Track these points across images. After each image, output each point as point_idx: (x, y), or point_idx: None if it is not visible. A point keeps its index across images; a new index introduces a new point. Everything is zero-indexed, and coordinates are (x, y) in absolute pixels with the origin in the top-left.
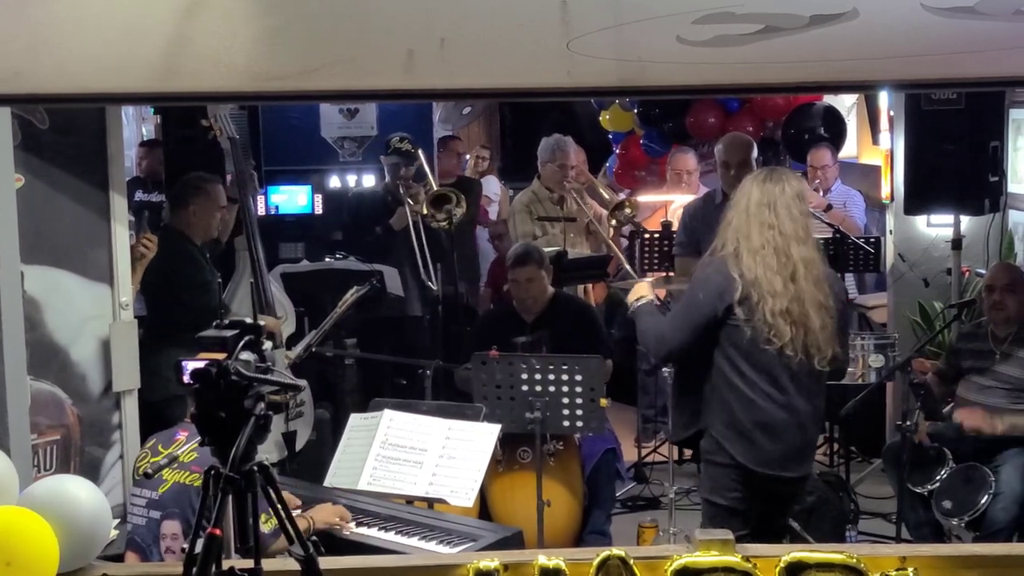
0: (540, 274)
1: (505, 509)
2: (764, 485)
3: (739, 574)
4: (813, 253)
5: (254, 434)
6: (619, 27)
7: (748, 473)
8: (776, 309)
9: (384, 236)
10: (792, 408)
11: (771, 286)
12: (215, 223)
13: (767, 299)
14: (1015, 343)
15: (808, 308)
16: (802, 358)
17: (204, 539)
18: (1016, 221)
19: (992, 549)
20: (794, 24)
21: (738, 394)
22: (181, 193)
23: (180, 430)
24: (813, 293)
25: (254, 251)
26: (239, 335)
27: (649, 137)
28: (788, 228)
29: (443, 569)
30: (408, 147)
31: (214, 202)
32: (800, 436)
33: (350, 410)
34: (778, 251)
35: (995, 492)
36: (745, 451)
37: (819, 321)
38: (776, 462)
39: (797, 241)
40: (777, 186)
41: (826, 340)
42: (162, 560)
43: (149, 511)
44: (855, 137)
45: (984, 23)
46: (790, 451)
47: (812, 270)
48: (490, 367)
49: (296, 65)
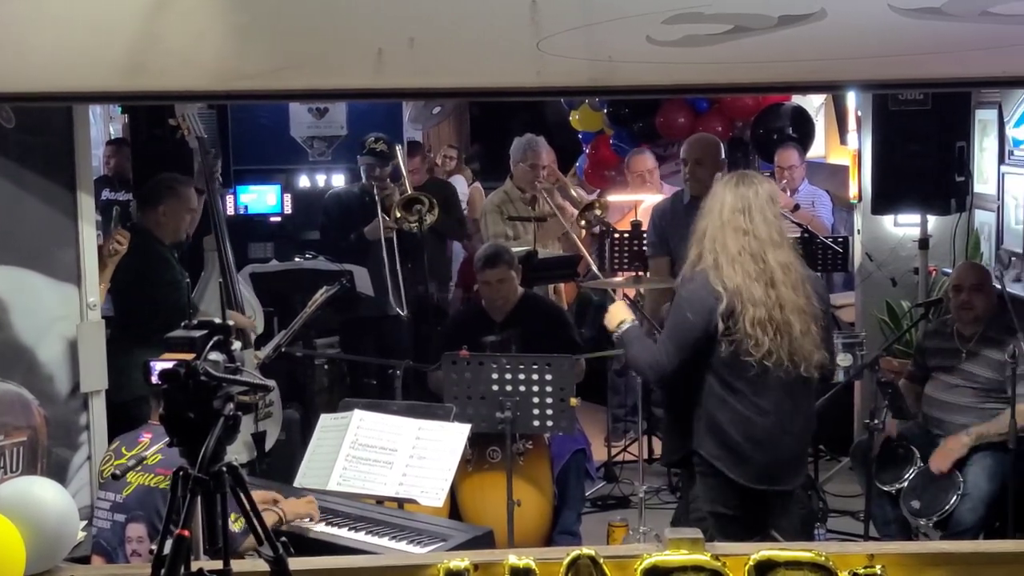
0: (510, 275)
1: (475, 509)
2: (759, 497)
3: (708, 572)
4: (789, 256)
5: (223, 435)
6: (589, 27)
7: (737, 487)
8: (755, 318)
9: (358, 241)
10: (782, 418)
11: (751, 294)
12: (184, 225)
13: (748, 308)
14: (981, 342)
15: (789, 314)
16: (788, 366)
17: (173, 540)
18: (982, 221)
19: (959, 547)
20: (763, 24)
21: (728, 409)
22: (152, 193)
23: (144, 432)
24: (793, 298)
25: (223, 251)
26: (208, 335)
27: (619, 137)
28: (763, 232)
29: (413, 569)
30: (384, 147)
31: (185, 204)
32: (793, 446)
33: (320, 410)
34: (755, 257)
35: (963, 493)
36: (738, 468)
37: (801, 326)
38: (769, 476)
39: (773, 245)
40: (750, 190)
41: (810, 345)
42: (127, 563)
43: (114, 514)
44: (823, 137)
45: (951, 24)
46: (783, 463)
47: (790, 274)
48: (460, 367)
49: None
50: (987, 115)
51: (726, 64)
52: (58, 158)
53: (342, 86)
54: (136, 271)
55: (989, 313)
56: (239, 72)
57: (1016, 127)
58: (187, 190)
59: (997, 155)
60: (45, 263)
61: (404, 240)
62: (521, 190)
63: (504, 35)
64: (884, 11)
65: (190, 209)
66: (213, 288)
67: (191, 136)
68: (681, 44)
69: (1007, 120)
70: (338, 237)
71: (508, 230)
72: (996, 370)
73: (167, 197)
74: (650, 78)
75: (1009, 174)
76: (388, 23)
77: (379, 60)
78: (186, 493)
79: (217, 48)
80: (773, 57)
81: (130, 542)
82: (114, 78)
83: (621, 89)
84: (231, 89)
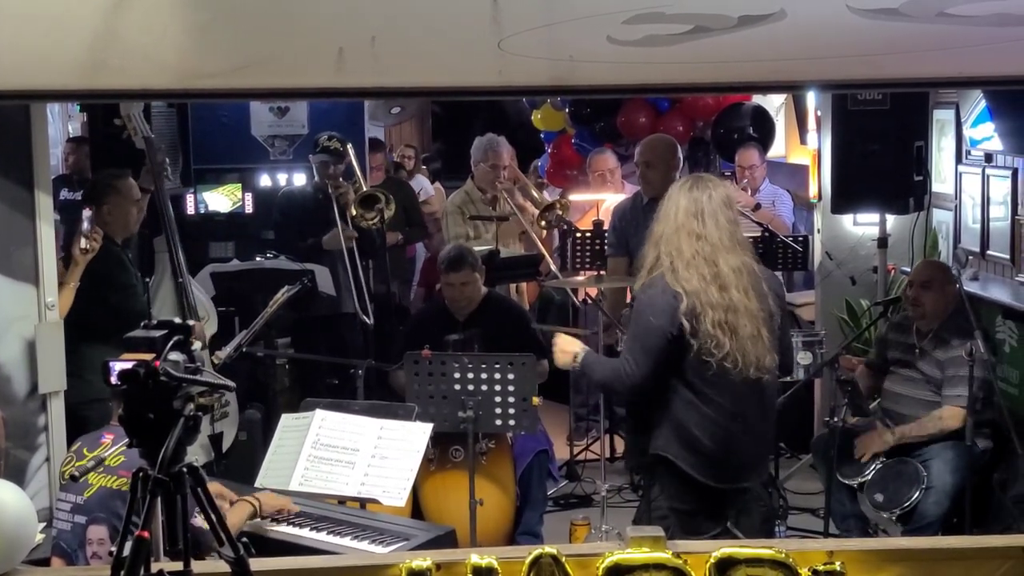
0: (474, 278)
1: (437, 508)
2: (720, 494)
3: (670, 570)
4: (742, 260)
5: (183, 435)
6: (550, 26)
7: (699, 486)
8: (716, 320)
9: (315, 246)
10: (744, 419)
11: (708, 297)
12: (132, 219)
13: (707, 310)
14: (933, 340)
15: (740, 318)
16: (741, 368)
17: (132, 542)
18: (940, 220)
19: (918, 543)
20: (723, 25)
21: (693, 410)
22: (94, 193)
23: (106, 432)
24: (744, 302)
25: (174, 252)
26: (168, 335)
27: (581, 136)
28: (714, 237)
29: (375, 569)
30: (337, 145)
31: (127, 197)
32: (754, 445)
33: (281, 410)
34: (708, 261)
35: (927, 486)
36: (702, 468)
37: (751, 330)
38: (732, 475)
39: (724, 250)
40: (704, 193)
41: (761, 349)
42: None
43: (74, 516)
44: (783, 137)
45: (908, 25)
46: (745, 462)
47: (741, 278)
48: (422, 366)
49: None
50: (945, 115)
51: (687, 64)
52: (16, 157)
53: (303, 85)
54: (92, 273)
55: (944, 312)
56: (199, 71)
57: (973, 127)
58: (126, 183)
59: (954, 155)
60: (3, 263)
61: (364, 240)
62: (482, 190)
63: (466, 34)
64: (842, 12)
65: (134, 201)
66: (165, 290)
67: (138, 137)
68: (642, 44)
69: (964, 120)
70: (293, 237)
71: (469, 230)
72: (937, 368)
73: (109, 194)
74: (611, 78)
75: (966, 173)
76: (349, 22)
77: (340, 59)
78: (146, 494)
79: (177, 46)
80: (733, 57)
81: (91, 544)
82: (73, 76)
83: (582, 89)
84: (191, 87)
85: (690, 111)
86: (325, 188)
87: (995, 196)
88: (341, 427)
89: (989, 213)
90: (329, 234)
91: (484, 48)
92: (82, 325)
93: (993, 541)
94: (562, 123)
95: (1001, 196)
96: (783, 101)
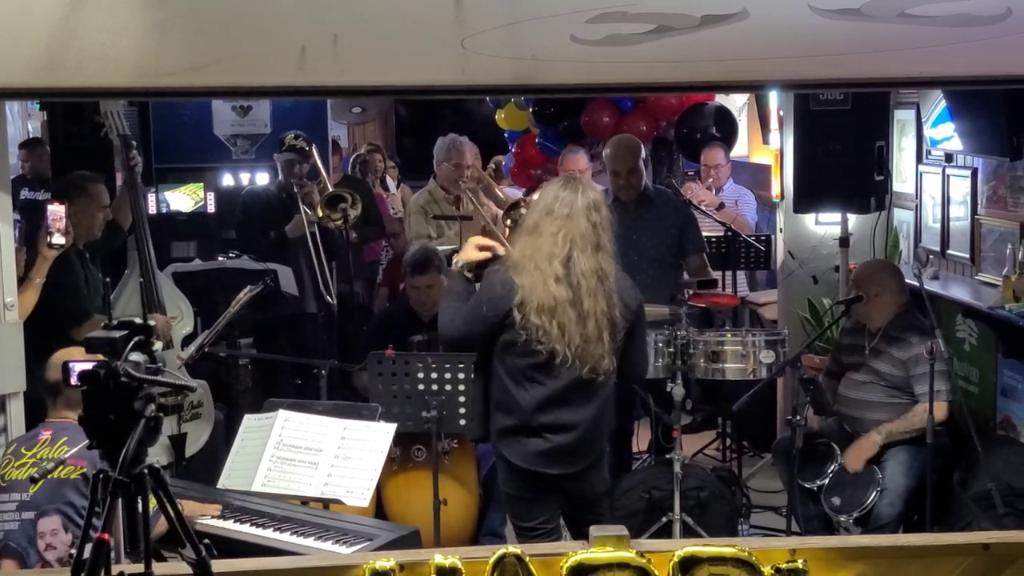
0: (439, 280)
1: (400, 508)
2: (538, 483)
3: (633, 569)
4: (598, 264)
5: (144, 436)
6: (513, 25)
7: (518, 470)
8: (547, 314)
9: (279, 240)
10: (566, 411)
11: (547, 292)
12: (97, 223)
13: (543, 305)
14: (884, 340)
15: (585, 318)
16: (572, 365)
17: (92, 544)
18: (901, 219)
19: (879, 541)
20: (686, 24)
21: (510, 398)
22: (62, 192)
23: (43, 430)
24: (591, 304)
25: (144, 250)
26: (128, 336)
27: (544, 136)
28: (576, 237)
29: (339, 570)
30: (303, 145)
31: (96, 202)
32: (572, 437)
33: (244, 411)
34: (564, 259)
35: (882, 488)
36: (515, 452)
37: (593, 332)
38: (544, 460)
39: (582, 251)
40: (574, 194)
41: (600, 351)
42: (41, 560)
43: (21, 513)
44: (746, 137)
45: (870, 25)
46: (560, 450)
47: (591, 280)
48: (386, 366)
49: (186, 61)
50: (905, 115)
51: (649, 63)
52: None
53: (265, 84)
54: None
55: (889, 311)
56: (160, 69)
57: (933, 127)
58: (97, 187)
59: (915, 154)
60: None
61: (328, 239)
62: (445, 190)
63: (429, 33)
64: (804, 12)
65: (102, 207)
66: (131, 288)
67: (114, 134)
68: (605, 43)
69: (925, 120)
70: (257, 235)
71: (432, 230)
72: (898, 367)
73: (78, 196)
74: (574, 77)
75: (927, 173)
76: (312, 20)
77: (302, 57)
78: (106, 496)
79: (137, 44)
80: (696, 56)
81: (43, 537)
82: (32, 74)
83: (545, 88)
84: (151, 86)
85: (653, 111)
86: (289, 187)
87: (955, 196)
88: (304, 427)
89: (949, 213)
90: (292, 222)
91: (447, 47)
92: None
93: (953, 539)
94: (526, 122)
95: (961, 196)
96: (745, 101)
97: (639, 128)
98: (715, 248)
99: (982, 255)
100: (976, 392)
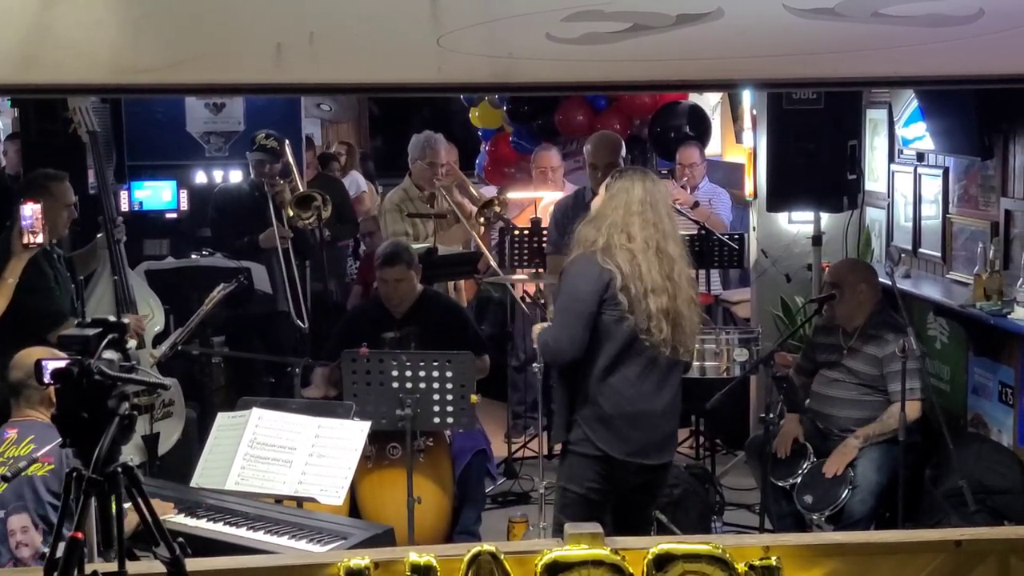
0: (409, 274)
1: (375, 506)
2: (627, 475)
3: (608, 567)
4: (684, 250)
5: (118, 435)
6: (489, 23)
7: (611, 463)
8: (659, 305)
9: (251, 245)
10: (659, 399)
11: (653, 282)
12: (63, 222)
13: (650, 295)
14: (860, 338)
15: (680, 305)
16: (671, 352)
17: (66, 543)
18: (873, 218)
19: (852, 537)
20: (661, 23)
21: (609, 386)
22: (27, 192)
23: (8, 428)
24: (686, 290)
25: (114, 249)
26: (102, 334)
27: (518, 134)
28: (667, 226)
29: (313, 568)
30: (274, 143)
31: (60, 201)
32: (665, 426)
33: (217, 409)
34: (659, 249)
35: (854, 485)
36: (611, 441)
37: (689, 317)
38: (641, 451)
39: (673, 240)
40: (657, 186)
41: (692, 335)
42: (14, 558)
43: None
44: (719, 135)
45: (843, 24)
46: (654, 440)
47: (684, 267)
48: (360, 364)
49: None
50: (877, 114)
51: (625, 62)
52: None
53: (240, 81)
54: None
55: (863, 309)
56: (135, 66)
57: (905, 126)
58: (61, 186)
59: (887, 154)
60: None
61: (300, 240)
62: (420, 188)
63: (405, 30)
64: (779, 11)
65: (66, 205)
66: (103, 286)
67: (83, 131)
68: (581, 42)
69: (896, 119)
70: (230, 235)
71: (408, 228)
72: (873, 365)
73: (42, 195)
74: (550, 75)
75: (899, 172)
76: (287, 17)
77: (278, 55)
78: (80, 495)
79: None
80: (671, 55)
81: (13, 535)
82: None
83: (521, 86)
84: (126, 83)
85: (627, 109)
86: (262, 186)
87: (927, 195)
88: (278, 426)
89: (921, 211)
90: (265, 233)
91: (423, 45)
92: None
93: (925, 535)
94: (500, 121)
95: (932, 195)
96: (719, 100)
97: (613, 126)
98: (688, 246)
99: (953, 254)
100: (947, 390)
